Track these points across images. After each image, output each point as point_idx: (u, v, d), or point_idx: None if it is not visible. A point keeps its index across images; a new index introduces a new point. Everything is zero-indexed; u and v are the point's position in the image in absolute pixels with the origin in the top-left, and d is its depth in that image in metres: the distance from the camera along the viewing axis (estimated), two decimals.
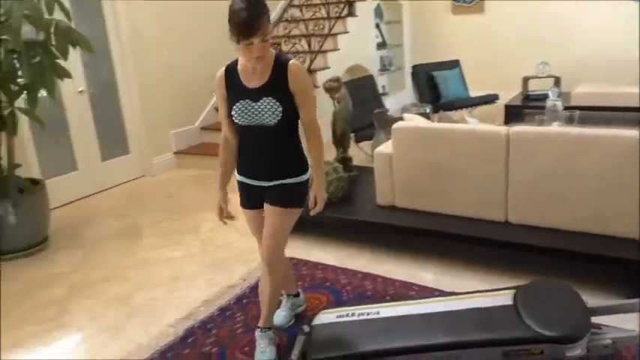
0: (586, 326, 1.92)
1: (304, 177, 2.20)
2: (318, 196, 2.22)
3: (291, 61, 2.07)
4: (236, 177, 2.28)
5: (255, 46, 1.90)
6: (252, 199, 2.26)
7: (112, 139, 5.12)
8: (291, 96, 2.08)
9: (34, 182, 3.82)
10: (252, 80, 2.06)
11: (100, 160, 4.98)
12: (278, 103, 2.04)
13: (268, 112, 2.04)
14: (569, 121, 4.47)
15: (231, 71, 2.11)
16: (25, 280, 3.34)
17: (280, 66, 2.06)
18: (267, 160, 2.15)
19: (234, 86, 2.09)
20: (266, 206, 2.21)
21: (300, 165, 2.20)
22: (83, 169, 4.83)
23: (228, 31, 1.90)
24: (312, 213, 2.23)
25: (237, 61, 2.11)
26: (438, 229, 3.15)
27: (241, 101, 2.06)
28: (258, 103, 2.04)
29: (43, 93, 3.57)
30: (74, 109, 4.71)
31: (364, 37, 6.92)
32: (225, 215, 2.31)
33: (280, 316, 2.58)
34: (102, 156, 5.00)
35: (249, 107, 2.05)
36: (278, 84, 2.05)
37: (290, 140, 2.17)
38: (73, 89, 4.66)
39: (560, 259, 2.86)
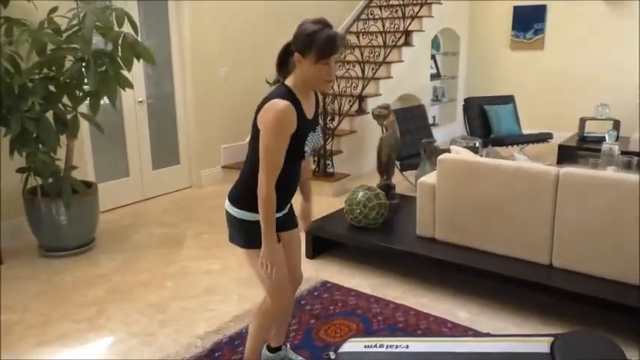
0: None
1: None
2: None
3: None
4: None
5: (333, 65, 1.90)
6: None
7: (165, 149, 5.30)
8: None
9: (88, 185, 3.99)
10: (309, 110, 2.00)
11: (151, 168, 5.15)
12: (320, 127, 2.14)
13: (320, 137, 2.12)
14: (626, 166, 4.29)
15: (296, 105, 1.91)
16: (69, 278, 3.47)
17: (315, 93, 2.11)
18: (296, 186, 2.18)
19: (301, 120, 1.93)
20: (286, 233, 2.20)
21: None
22: (134, 175, 5.01)
23: (303, 50, 1.85)
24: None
25: (289, 94, 1.92)
26: (477, 267, 3.06)
27: (309, 134, 2.00)
28: (316, 132, 2.08)
29: (105, 101, 3.74)
30: (132, 117, 4.91)
31: (419, 66, 6.93)
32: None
33: None
34: (153, 164, 5.17)
35: (313, 138, 2.05)
36: (317, 110, 2.11)
37: None
38: (134, 99, 4.87)
39: (606, 310, 2.72)
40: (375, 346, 2.27)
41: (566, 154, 6.11)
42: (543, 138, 6.36)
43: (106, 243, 4.04)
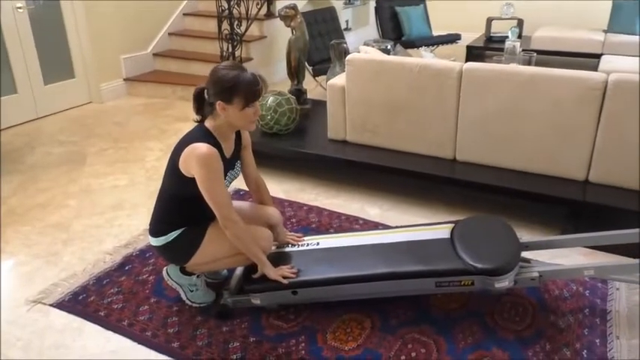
0: (515, 260, 1.96)
1: None
2: None
3: None
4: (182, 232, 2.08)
5: (257, 104, 1.97)
6: None
7: (56, 61, 4.81)
8: None
9: None
10: (228, 150, 2.06)
11: (42, 83, 4.69)
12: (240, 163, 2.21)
13: (238, 171, 2.18)
14: (527, 63, 4.44)
15: (217, 147, 1.95)
16: None
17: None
18: None
19: (223, 162, 1.97)
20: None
21: None
22: (24, 92, 4.55)
23: (228, 98, 1.90)
24: None
25: (208, 135, 1.96)
26: (387, 165, 3.13)
27: (228, 172, 2.07)
28: (235, 169, 2.14)
29: None
30: (12, 26, 4.36)
31: None
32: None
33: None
34: (44, 79, 4.70)
35: (232, 174, 2.13)
36: (238, 145, 2.15)
37: None
38: (11, 5, 4.31)
39: (504, 196, 2.90)
40: (287, 245, 2.31)
41: (474, 54, 6.26)
42: (452, 39, 6.43)
43: None
